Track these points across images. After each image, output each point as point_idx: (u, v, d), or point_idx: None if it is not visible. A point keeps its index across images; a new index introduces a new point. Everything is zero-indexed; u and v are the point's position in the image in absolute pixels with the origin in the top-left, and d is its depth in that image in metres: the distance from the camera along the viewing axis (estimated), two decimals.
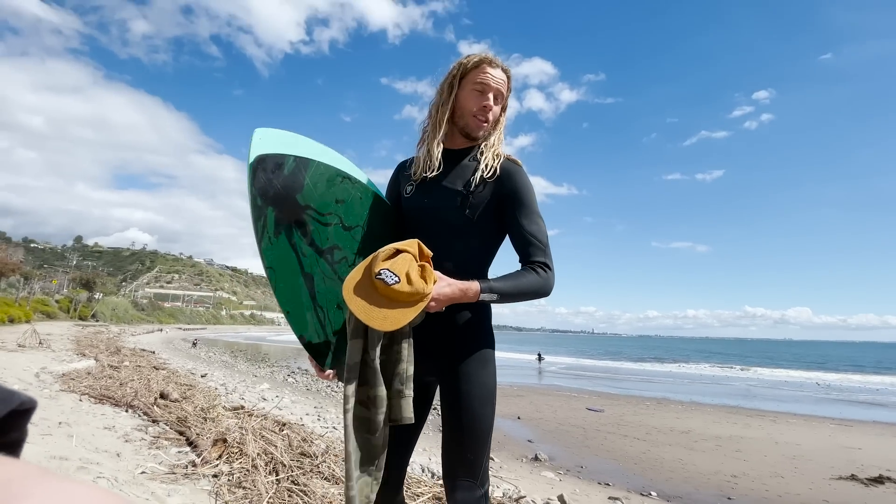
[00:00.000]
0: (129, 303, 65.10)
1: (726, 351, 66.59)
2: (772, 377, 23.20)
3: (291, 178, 1.22)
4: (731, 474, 5.09)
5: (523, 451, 5.63)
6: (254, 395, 7.59)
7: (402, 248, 1.18)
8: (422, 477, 3.28)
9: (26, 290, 37.85)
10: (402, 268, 1.12)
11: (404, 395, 1.19)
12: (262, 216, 1.17)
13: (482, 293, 1.22)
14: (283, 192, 1.21)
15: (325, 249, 1.32)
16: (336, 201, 1.33)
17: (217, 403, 5.26)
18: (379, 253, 1.16)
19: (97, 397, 5.17)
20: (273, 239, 1.21)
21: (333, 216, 1.33)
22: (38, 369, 7.31)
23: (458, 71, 1.39)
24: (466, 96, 1.39)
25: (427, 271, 1.16)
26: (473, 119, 1.39)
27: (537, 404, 9.73)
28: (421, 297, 1.12)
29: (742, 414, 9.63)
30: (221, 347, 25.29)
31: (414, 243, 1.20)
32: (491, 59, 1.38)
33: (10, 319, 26.64)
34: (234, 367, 14.16)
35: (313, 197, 1.28)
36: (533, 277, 1.27)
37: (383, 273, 1.10)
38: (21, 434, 0.19)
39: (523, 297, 1.27)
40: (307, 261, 1.29)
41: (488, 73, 1.37)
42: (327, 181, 1.31)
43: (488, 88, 1.37)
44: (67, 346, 13.71)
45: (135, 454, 3.22)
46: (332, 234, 1.33)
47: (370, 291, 1.12)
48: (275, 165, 1.18)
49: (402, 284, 1.10)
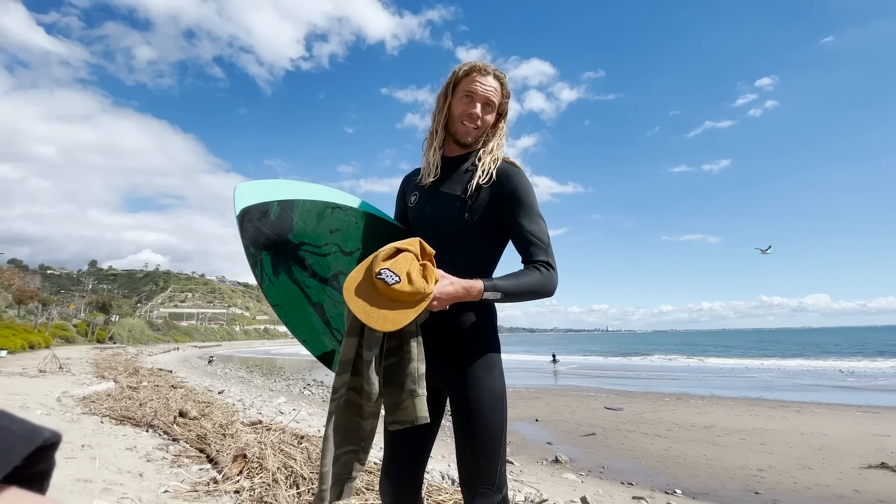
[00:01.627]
0: (145, 323, 65.88)
1: (744, 342, 65.60)
2: (793, 367, 22.78)
3: (279, 222, 1.26)
4: (757, 468, 4.99)
5: (543, 454, 5.57)
6: (271, 409, 7.62)
7: (403, 247, 1.17)
8: (442, 484, 3.27)
9: (45, 316, 38.51)
10: (403, 267, 1.11)
11: (417, 395, 1.17)
12: (257, 262, 1.23)
13: (486, 292, 1.21)
14: (274, 236, 1.25)
15: (328, 277, 1.36)
16: (330, 231, 1.37)
17: (235, 419, 5.29)
18: (379, 252, 1.15)
19: (118, 418, 5.23)
20: (273, 279, 1.26)
21: (330, 245, 1.36)
22: (59, 393, 7.42)
23: (451, 80, 1.43)
24: (456, 104, 1.42)
25: (428, 270, 1.15)
26: (461, 126, 1.41)
27: (555, 406, 9.65)
28: (422, 296, 1.12)
29: (765, 406, 9.46)
30: (237, 363, 25.47)
31: (415, 242, 1.20)
32: (481, 66, 1.40)
33: (30, 346, 27.11)
34: (251, 383, 14.25)
35: (305, 233, 1.31)
36: (536, 276, 1.27)
37: (384, 273, 1.10)
38: (48, 465, 0.20)
39: (527, 296, 1.27)
40: (312, 291, 1.33)
41: (477, 81, 1.39)
42: (317, 216, 1.34)
43: (476, 97, 1.39)
44: (87, 369, 13.91)
45: (157, 473, 3.24)
46: (332, 263, 1.37)
47: (371, 291, 1.12)
48: (260, 214, 1.23)
49: (402, 284, 1.09)
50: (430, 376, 1.33)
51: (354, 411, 1.20)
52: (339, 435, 1.20)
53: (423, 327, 1.30)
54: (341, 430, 1.20)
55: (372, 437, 1.23)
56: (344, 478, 1.21)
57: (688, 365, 25.47)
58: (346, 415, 1.20)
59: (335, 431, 1.19)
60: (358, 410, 1.20)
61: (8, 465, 0.18)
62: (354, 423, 1.21)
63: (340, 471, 1.21)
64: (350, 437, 1.21)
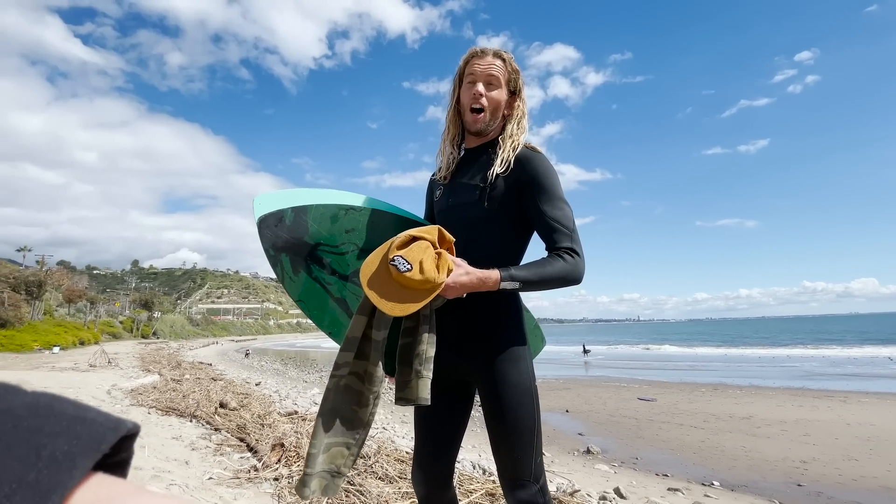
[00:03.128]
0: (185, 319, 68.80)
1: (786, 330, 63.03)
2: (838, 355, 21.76)
3: (294, 226, 1.34)
4: (800, 460, 4.82)
5: (574, 445, 5.54)
6: (306, 400, 7.84)
7: (420, 234, 1.19)
8: (473, 474, 3.30)
9: (93, 314, 40.70)
10: (417, 256, 1.14)
11: (422, 376, 1.20)
12: (277, 262, 1.33)
13: (503, 281, 1.19)
14: (291, 239, 1.33)
15: (349, 274, 1.44)
16: (345, 232, 1.42)
17: (272, 410, 5.49)
18: (395, 239, 1.18)
19: (163, 410, 5.51)
20: (293, 277, 1.37)
21: (348, 244, 1.42)
22: (109, 386, 7.86)
23: (457, 73, 1.45)
24: (463, 93, 1.42)
25: (443, 259, 1.16)
26: (469, 114, 1.41)
27: (585, 396, 9.55)
28: (433, 286, 1.13)
29: (808, 396, 9.09)
30: (272, 356, 26.28)
31: (434, 230, 1.21)
32: (477, 50, 1.41)
33: (80, 342, 28.76)
34: (286, 375, 14.69)
35: (321, 235, 1.38)
36: (560, 264, 1.23)
37: (396, 260, 1.13)
38: (129, 454, 0.22)
39: (549, 284, 1.23)
40: (334, 287, 1.42)
41: (475, 64, 1.40)
42: (330, 218, 1.40)
43: (476, 77, 1.39)
44: (133, 363, 14.66)
45: (201, 461, 3.41)
46: (351, 260, 1.43)
47: (384, 276, 1.15)
48: (276, 220, 1.31)
49: (413, 273, 1.12)
50: (455, 370, 1.35)
51: (353, 397, 1.21)
52: (334, 419, 1.20)
53: (448, 321, 1.32)
54: (336, 415, 1.20)
55: (367, 430, 1.23)
56: (331, 471, 1.19)
57: (725, 354, 24.68)
58: (344, 399, 1.21)
59: (331, 413, 1.20)
60: (357, 397, 1.21)
61: (98, 453, 0.19)
62: (351, 411, 1.21)
63: (328, 463, 1.19)
64: (345, 425, 1.21)
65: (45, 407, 0.20)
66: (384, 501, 2.56)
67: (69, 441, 0.19)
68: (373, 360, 1.20)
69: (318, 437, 1.18)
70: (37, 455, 0.18)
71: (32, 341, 23.05)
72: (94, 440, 0.20)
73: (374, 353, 1.20)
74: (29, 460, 0.18)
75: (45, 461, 0.18)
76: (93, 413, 0.21)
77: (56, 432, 0.19)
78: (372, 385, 1.21)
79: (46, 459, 0.18)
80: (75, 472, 0.18)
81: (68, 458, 0.18)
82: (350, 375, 1.21)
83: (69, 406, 0.21)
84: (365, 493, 2.63)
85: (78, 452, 0.19)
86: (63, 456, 0.18)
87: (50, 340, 24.37)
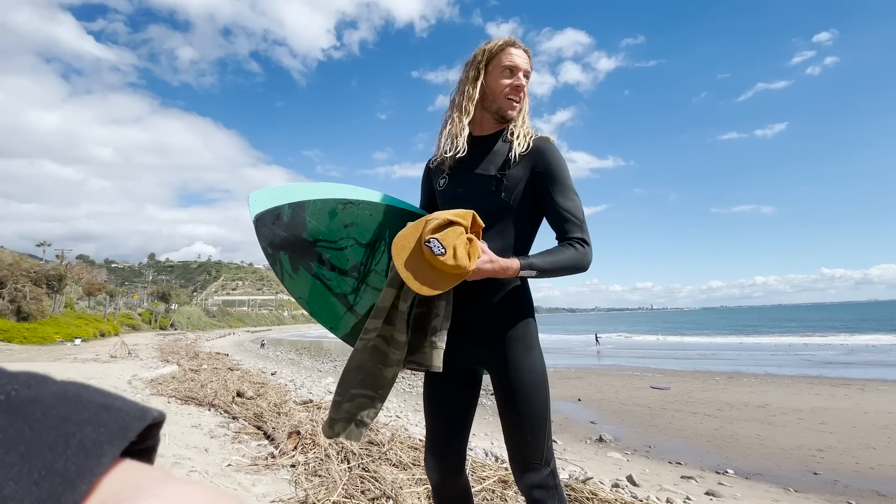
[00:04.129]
0: (202, 311, 70.11)
1: (803, 318, 62.04)
2: (856, 343, 21.40)
3: (292, 223, 1.32)
4: (816, 448, 4.78)
5: (587, 433, 5.56)
6: (320, 389, 7.97)
7: (456, 219, 1.20)
8: (485, 461, 3.34)
9: (112, 307, 41.64)
10: (451, 241, 1.16)
11: (437, 347, 1.27)
12: (276, 261, 1.31)
13: (522, 270, 1.25)
14: (289, 237, 1.32)
15: (348, 269, 1.43)
16: (344, 226, 1.41)
17: (288, 399, 5.59)
18: (433, 219, 1.19)
19: (183, 399, 5.64)
20: (293, 275, 1.34)
21: (347, 239, 1.42)
22: (129, 377, 8.07)
23: (482, 56, 1.41)
24: (496, 79, 1.40)
25: (474, 246, 1.20)
26: (506, 101, 1.39)
27: (597, 385, 9.55)
28: (463, 272, 1.17)
29: (825, 384, 8.98)
30: (287, 346, 26.69)
31: (468, 215, 1.22)
32: (514, 41, 1.41)
33: (101, 334, 29.48)
34: (300, 364, 14.93)
35: (319, 231, 1.37)
36: (571, 252, 1.30)
37: (432, 242, 1.15)
38: (155, 441, 0.23)
39: (562, 272, 1.30)
40: (334, 283, 1.41)
41: (515, 55, 1.39)
42: (328, 214, 1.38)
43: (517, 69, 1.38)
44: (152, 354, 15.00)
45: (220, 449, 3.49)
46: (350, 255, 1.43)
47: (417, 254, 1.19)
48: (273, 217, 1.29)
49: (447, 257, 1.14)
50: (466, 356, 1.38)
51: (379, 357, 1.30)
52: (360, 374, 1.30)
53: (460, 307, 1.35)
54: (363, 370, 1.30)
55: (389, 387, 1.33)
56: (355, 417, 1.30)
57: (740, 343, 24.42)
58: (371, 357, 1.29)
59: (357, 370, 1.30)
60: (383, 357, 1.30)
61: (125, 440, 0.20)
62: (377, 368, 1.30)
63: (353, 410, 1.30)
64: (370, 381, 1.30)
65: (73, 396, 0.21)
66: (398, 488, 2.60)
67: (97, 429, 0.20)
68: (398, 327, 1.28)
69: (343, 386, 1.29)
70: (65, 443, 0.18)
71: (55, 334, 23.68)
72: (121, 428, 0.20)
73: (399, 321, 1.28)
74: (58, 448, 0.18)
75: (73, 449, 0.18)
76: (119, 402, 0.22)
77: (84, 420, 0.20)
78: (396, 349, 1.29)
79: (75, 447, 0.18)
80: (103, 459, 0.19)
81: (96, 446, 0.19)
82: (378, 338, 1.29)
83: (97, 395, 0.22)
84: (379, 479, 2.68)
85: (105, 440, 0.19)
86: (91, 444, 0.19)
87: (71, 333, 25.02)
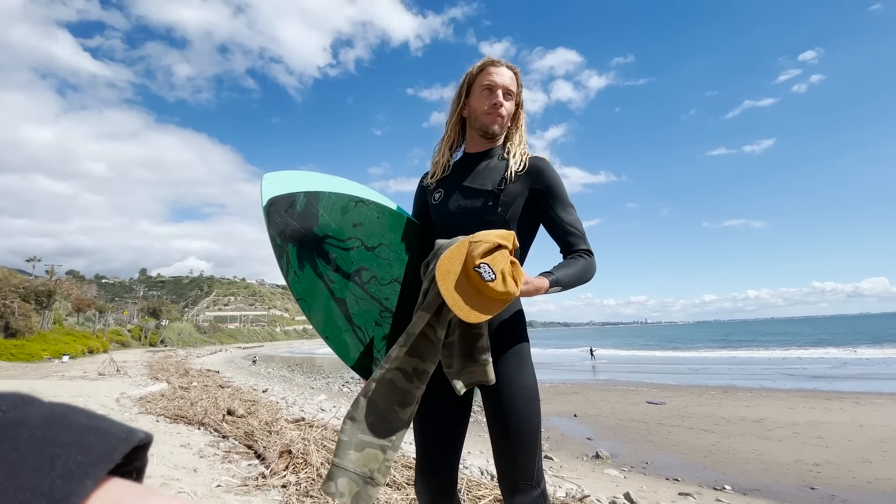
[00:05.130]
0: (193, 327, 69.18)
1: (796, 331, 62.34)
2: (849, 356, 21.49)
3: (305, 213, 1.27)
4: (812, 462, 4.76)
5: (583, 450, 5.50)
6: (312, 406, 7.85)
7: (503, 242, 1.17)
8: (481, 479, 3.28)
9: (102, 323, 41.03)
10: (499, 265, 1.13)
11: (488, 363, 1.25)
12: (283, 253, 1.22)
13: (551, 287, 1.27)
14: (300, 228, 1.25)
15: (351, 273, 1.36)
16: (353, 225, 1.37)
17: (279, 417, 5.49)
18: (480, 243, 1.15)
19: (172, 417, 5.53)
20: (298, 272, 1.26)
21: (354, 240, 1.37)
22: (118, 395, 7.91)
23: (465, 79, 1.47)
24: (477, 99, 1.44)
25: (517, 270, 1.17)
26: (486, 117, 1.43)
27: (593, 400, 9.49)
28: (510, 297, 1.15)
29: (820, 397, 8.98)
30: (279, 363, 26.34)
31: (510, 236, 1.20)
32: (493, 60, 1.44)
33: (89, 351, 28.98)
34: (292, 381, 14.72)
35: (329, 226, 1.32)
36: (582, 263, 1.34)
37: (482, 268, 1.12)
38: (142, 463, 0.23)
39: (578, 283, 1.34)
40: (336, 286, 1.33)
41: (493, 73, 1.42)
42: (341, 209, 1.35)
43: (495, 86, 1.41)
44: (142, 371, 14.74)
45: (210, 469, 3.41)
46: (355, 257, 1.37)
47: (463, 280, 1.14)
48: (287, 204, 1.23)
49: (497, 283, 1.12)
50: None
51: (396, 395, 1.19)
52: (371, 415, 1.16)
53: None
54: (375, 411, 1.16)
55: (404, 432, 1.20)
56: (363, 475, 1.12)
57: (734, 356, 24.45)
58: (386, 395, 1.17)
59: (369, 408, 1.16)
60: (401, 395, 1.19)
61: (111, 462, 0.20)
62: (391, 410, 1.18)
63: (360, 463, 1.13)
64: (381, 425, 1.16)
65: (59, 417, 0.21)
66: None
67: (82, 451, 0.19)
68: (428, 357, 1.21)
69: (351, 426, 1.14)
70: (51, 465, 0.18)
71: (42, 350, 23.25)
72: (106, 450, 0.20)
73: (427, 352, 1.21)
74: (43, 469, 0.18)
75: (58, 471, 0.18)
76: (106, 423, 0.22)
77: (70, 442, 0.20)
78: (420, 382, 1.21)
79: (60, 469, 0.18)
80: (88, 481, 0.19)
81: (81, 468, 0.19)
82: (396, 371, 1.19)
83: (83, 416, 0.22)
84: None
85: (91, 462, 0.19)
86: (76, 466, 0.19)
87: (59, 349, 24.58)
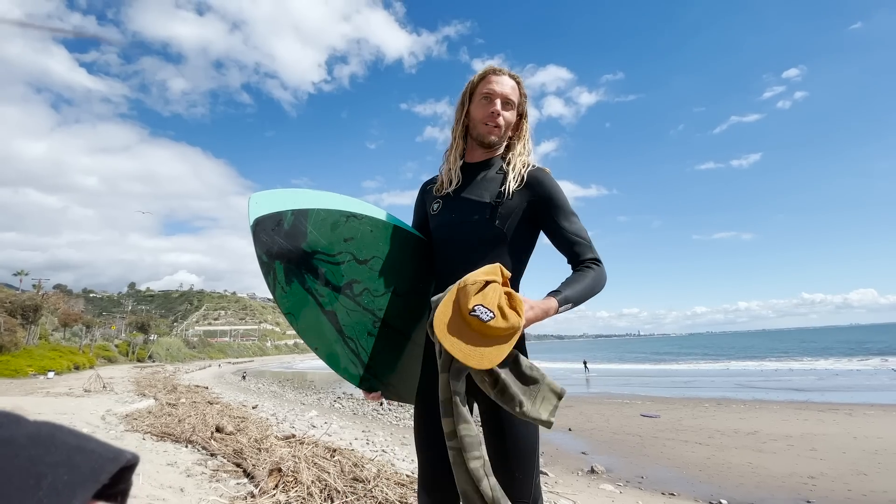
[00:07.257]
0: (182, 342, 68.01)
1: (787, 343, 62.75)
2: (841, 367, 21.65)
3: (293, 231, 1.27)
4: (807, 475, 4.74)
5: (578, 465, 5.44)
6: (303, 422, 7.71)
7: (490, 277, 1.11)
8: None
9: (88, 338, 40.26)
10: (494, 300, 1.07)
11: (545, 376, 1.16)
12: (270, 271, 1.23)
13: (560, 307, 1.19)
14: (287, 246, 1.25)
15: (342, 286, 1.36)
16: (344, 240, 1.37)
17: (269, 433, 5.38)
18: (467, 285, 1.10)
19: (159, 435, 5.39)
20: (286, 287, 1.26)
21: (344, 254, 1.36)
22: (103, 412, 7.72)
23: (467, 89, 1.45)
24: (476, 107, 1.43)
25: (515, 299, 1.10)
26: (484, 126, 1.42)
27: (588, 414, 9.44)
28: (515, 330, 1.08)
29: (813, 409, 9.01)
30: (269, 378, 25.94)
31: (496, 269, 1.16)
32: (495, 68, 1.43)
33: (75, 367, 28.34)
34: (283, 397, 14.48)
35: (319, 242, 1.32)
36: (592, 275, 1.28)
37: (478, 310, 1.05)
38: (127, 485, 0.23)
39: (589, 296, 1.27)
40: (325, 300, 1.33)
41: (493, 82, 1.41)
42: (331, 225, 1.35)
43: (494, 95, 1.40)
44: (128, 387, 14.43)
45: (197, 488, 3.32)
46: (346, 271, 1.37)
47: (463, 328, 1.07)
48: (274, 223, 1.23)
49: (497, 320, 1.05)
50: None
51: (465, 476, 1.10)
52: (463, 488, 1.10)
53: None
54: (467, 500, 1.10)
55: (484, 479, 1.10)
56: None
57: (727, 368, 24.50)
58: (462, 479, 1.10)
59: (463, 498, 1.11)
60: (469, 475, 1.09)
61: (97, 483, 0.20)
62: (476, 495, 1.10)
63: None
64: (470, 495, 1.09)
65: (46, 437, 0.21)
66: None
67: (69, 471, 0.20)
68: (461, 418, 1.12)
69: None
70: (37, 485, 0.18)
71: (27, 366, 22.70)
72: (93, 471, 0.20)
73: (457, 413, 1.12)
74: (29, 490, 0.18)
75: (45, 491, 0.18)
76: (93, 444, 0.22)
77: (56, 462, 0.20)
78: (474, 450, 1.10)
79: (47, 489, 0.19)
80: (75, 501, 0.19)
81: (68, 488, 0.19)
82: (452, 451, 1.13)
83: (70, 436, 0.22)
84: None
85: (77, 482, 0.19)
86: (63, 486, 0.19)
87: (45, 365, 24.01)
